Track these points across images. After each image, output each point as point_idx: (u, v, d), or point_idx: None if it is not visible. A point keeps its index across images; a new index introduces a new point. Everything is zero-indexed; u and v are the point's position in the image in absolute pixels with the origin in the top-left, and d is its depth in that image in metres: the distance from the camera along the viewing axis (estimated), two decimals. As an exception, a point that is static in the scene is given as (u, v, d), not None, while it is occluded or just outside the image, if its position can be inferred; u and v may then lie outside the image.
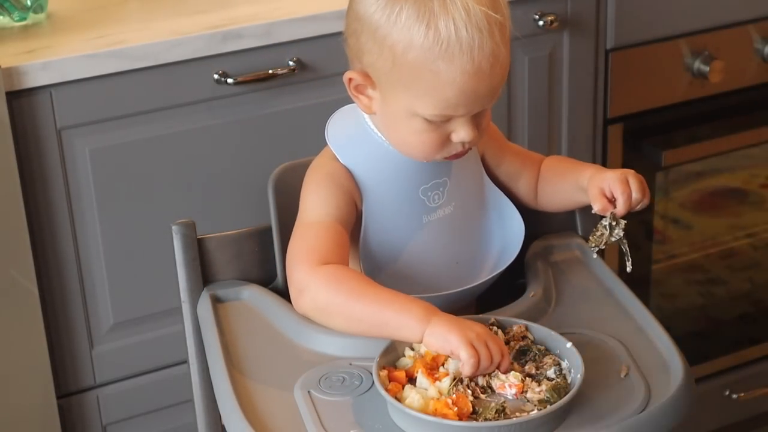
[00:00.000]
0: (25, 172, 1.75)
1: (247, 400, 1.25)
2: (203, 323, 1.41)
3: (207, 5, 1.93)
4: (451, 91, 1.24)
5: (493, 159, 1.45)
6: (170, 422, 1.96)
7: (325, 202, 1.33)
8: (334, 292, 1.25)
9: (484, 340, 1.20)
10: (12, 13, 1.86)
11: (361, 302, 1.24)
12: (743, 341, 2.43)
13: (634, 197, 1.35)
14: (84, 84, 1.75)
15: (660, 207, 2.29)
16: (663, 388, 1.23)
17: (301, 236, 1.32)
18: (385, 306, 1.23)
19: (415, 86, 1.25)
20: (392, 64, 1.26)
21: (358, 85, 1.31)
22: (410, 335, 1.22)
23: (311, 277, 1.27)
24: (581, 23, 2.06)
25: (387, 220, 1.36)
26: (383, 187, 1.35)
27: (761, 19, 2.21)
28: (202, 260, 1.44)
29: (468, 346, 1.18)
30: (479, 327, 1.21)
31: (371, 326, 1.24)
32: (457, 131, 1.29)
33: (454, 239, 1.39)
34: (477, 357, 1.18)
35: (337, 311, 1.26)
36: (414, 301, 1.23)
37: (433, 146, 1.30)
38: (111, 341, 1.89)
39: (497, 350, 1.20)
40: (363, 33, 1.27)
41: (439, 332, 1.20)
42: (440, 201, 1.38)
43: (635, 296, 1.38)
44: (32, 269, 1.77)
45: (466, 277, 1.38)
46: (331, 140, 1.37)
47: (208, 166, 1.87)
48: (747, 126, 2.26)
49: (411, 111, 1.28)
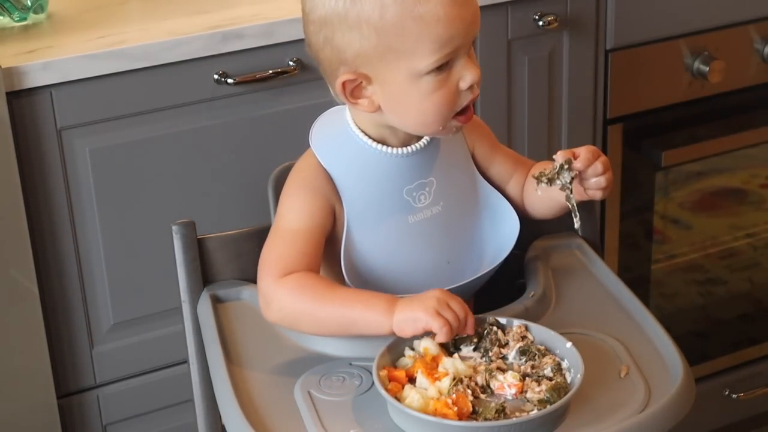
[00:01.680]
0: (25, 172, 1.75)
1: (247, 400, 1.25)
2: (203, 323, 1.41)
3: (207, 5, 1.93)
4: (440, 27, 1.25)
5: (485, 158, 1.45)
6: (170, 422, 1.96)
7: (299, 209, 1.34)
8: (299, 301, 1.29)
9: (446, 303, 1.24)
10: (12, 13, 1.86)
11: (326, 307, 1.28)
12: (743, 341, 2.44)
13: (597, 162, 1.35)
14: (84, 84, 1.75)
15: (660, 207, 2.29)
16: (663, 388, 1.23)
17: (273, 244, 1.34)
18: (350, 307, 1.27)
19: (406, 43, 1.25)
20: (377, 36, 1.25)
21: (353, 88, 1.30)
22: (380, 330, 1.25)
23: (276, 288, 1.30)
24: (581, 23, 2.06)
25: (370, 222, 1.35)
26: (365, 190, 1.35)
27: (761, 19, 2.21)
28: (202, 260, 1.44)
29: (435, 316, 1.22)
30: (437, 292, 1.25)
31: (340, 328, 1.28)
32: (464, 77, 1.28)
33: (443, 239, 1.39)
34: (447, 323, 1.22)
35: (305, 319, 1.29)
36: (376, 296, 1.27)
37: (447, 103, 1.29)
38: (111, 341, 1.89)
39: (460, 308, 1.24)
40: (335, 31, 1.27)
41: (406, 317, 1.24)
42: (426, 201, 1.37)
43: (635, 296, 1.38)
44: (32, 269, 1.77)
45: (459, 277, 1.38)
46: (313, 142, 1.37)
47: (208, 166, 1.87)
48: (747, 126, 2.26)
49: (413, 73, 1.27)
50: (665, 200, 2.30)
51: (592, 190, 1.37)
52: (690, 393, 1.23)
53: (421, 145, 1.37)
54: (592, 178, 1.36)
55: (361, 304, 1.26)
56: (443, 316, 1.22)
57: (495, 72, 2.03)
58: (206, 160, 1.87)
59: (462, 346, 1.27)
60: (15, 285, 1.76)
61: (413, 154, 1.36)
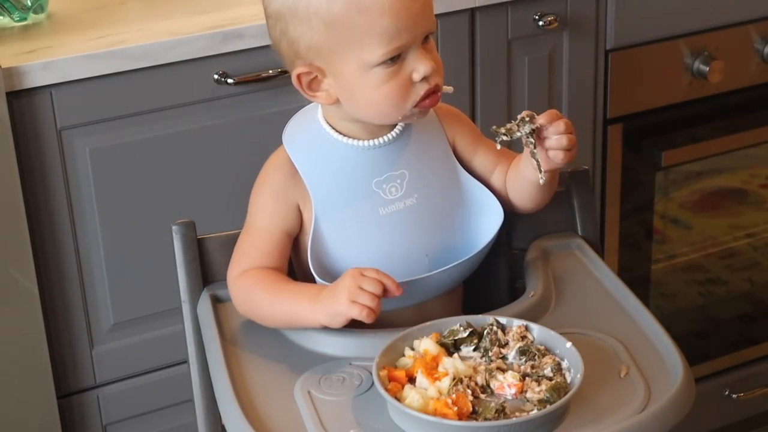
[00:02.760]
0: (25, 172, 1.75)
1: (247, 400, 1.25)
2: (203, 323, 1.41)
3: (207, 5, 1.93)
4: (386, 20, 1.26)
5: (466, 150, 1.44)
6: (170, 422, 1.96)
7: (260, 208, 1.38)
8: (249, 299, 1.36)
9: (357, 287, 1.26)
10: (12, 13, 1.86)
11: (271, 303, 1.34)
12: (743, 341, 2.44)
13: (560, 121, 1.32)
14: (84, 84, 1.75)
15: (660, 207, 2.29)
16: (663, 388, 1.23)
17: (238, 242, 1.40)
18: (287, 302, 1.32)
19: (354, 36, 1.27)
20: (326, 29, 1.27)
21: (310, 81, 1.32)
22: (312, 322, 1.30)
23: (233, 287, 1.38)
24: (581, 23, 2.07)
25: (338, 215, 1.36)
26: (333, 182, 1.36)
27: (761, 19, 2.21)
28: (202, 260, 1.44)
29: (351, 305, 1.25)
30: (347, 278, 1.27)
31: (285, 322, 1.34)
32: (416, 68, 1.29)
33: (419, 231, 1.38)
34: (366, 307, 1.25)
35: (258, 315, 1.36)
36: (306, 289, 1.32)
37: (399, 94, 1.30)
38: (111, 341, 1.89)
39: (373, 284, 1.26)
40: (288, 24, 1.29)
41: (327, 314, 1.28)
42: (398, 193, 1.37)
43: (635, 296, 1.38)
44: (32, 269, 1.77)
45: (439, 269, 1.37)
46: (285, 138, 1.39)
47: (208, 166, 1.87)
48: (747, 126, 2.26)
49: (363, 65, 1.28)
50: (665, 200, 2.30)
51: (554, 151, 1.33)
52: (690, 393, 1.23)
53: (390, 138, 1.37)
54: (553, 135, 1.32)
55: (294, 298, 1.32)
56: (359, 303, 1.25)
57: (495, 72, 2.03)
58: (206, 160, 1.87)
59: (462, 346, 1.27)
60: (15, 285, 1.76)
61: (381, 147, 1.36)
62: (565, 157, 1.33)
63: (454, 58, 1.98)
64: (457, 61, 1.98)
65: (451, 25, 1.97)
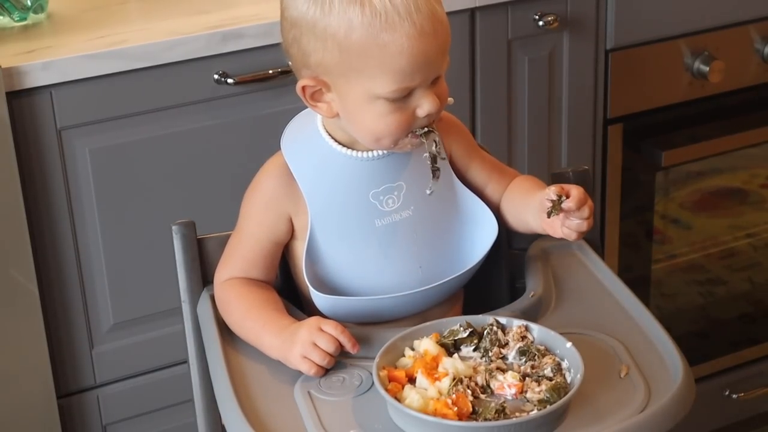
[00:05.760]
0: (25, 172, 1.75)
1: (247, 400, 1.25)
2: (203, 323, 1.41)
3: (207, 5, 1.93)
4: (403, 60, 1.24)
5: (462, 161, 1.43)
6: (170, 422, 1.96)
7: (249, 215, 1.39)
8: (225, 312, 1.38)
9: (311, 343, 1.28)
10: (12, 13, 1.86)
11: (241, 323, 1.36)
12: (743, 341, 2.44)
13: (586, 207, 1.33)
14: (84, 84, 1.75)
15: (660, 207, 2.29)
16: (663, 388, 1.23)
17: (230, 241, 1.41)
18: (255, 333, 1.33)
19: (368, 67, 1.25)
20: (339, 53, 1.25)
21: (313, 92, 1.31)
22: (275, 355, 1.31)
23: (217, 290, 1.40)
24: (581, 23, 2.07)
25: (334, 226, 1.35)
26: (329, 192, 1.35)
27: (761, 19, 2.21)
28: (202, 260, 1.44)
29: (302, 360, 1.27)
30: (304, 332, 1.28)
31: (255, 344, 1.34)
32: (421, 105, 1.29)
33: (414, 244, 1.37)
34: (314, 365, 1.27)
35: (232, 328, 1.37)
36: (271, 322, 1.33)
37: (400, 127, 1.29)
38: (111, 341, 1.89)
39: (328, 343, 1.27)
40: (303, 35, 1.27)
41: (282, 356, 1.30)
42: (395, 205, 1.36)
43: (635, 296, 1.38)
44: (32, 269, 1.77)
45: (432, 282, 1.37)
46: (283, 143, 1.38)
47: (208, 166, 1.87)
48: (747, 126, 2.26)
49: (370, 95, 1.27)
50: (665, 200, 2.30)
51: (568, 230, 1.35)
52: (690, 393, 1.23)
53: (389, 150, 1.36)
54: (576, 219, 1.34)
55: (263, 326, 1.33)
56: (309, 359, 1.27)
57: (495, 72, 2.03)
58: (206, 160, 1.87)
59: (462, 346, 1.27)
60: (15, 285, 1.76)
61: (380, 159, 1.35)
62: (578, 237, 1.35)
63: (454, 58, 1.96)
64: (457, 61, 1.98)
65: (451, 25, 1.96)
